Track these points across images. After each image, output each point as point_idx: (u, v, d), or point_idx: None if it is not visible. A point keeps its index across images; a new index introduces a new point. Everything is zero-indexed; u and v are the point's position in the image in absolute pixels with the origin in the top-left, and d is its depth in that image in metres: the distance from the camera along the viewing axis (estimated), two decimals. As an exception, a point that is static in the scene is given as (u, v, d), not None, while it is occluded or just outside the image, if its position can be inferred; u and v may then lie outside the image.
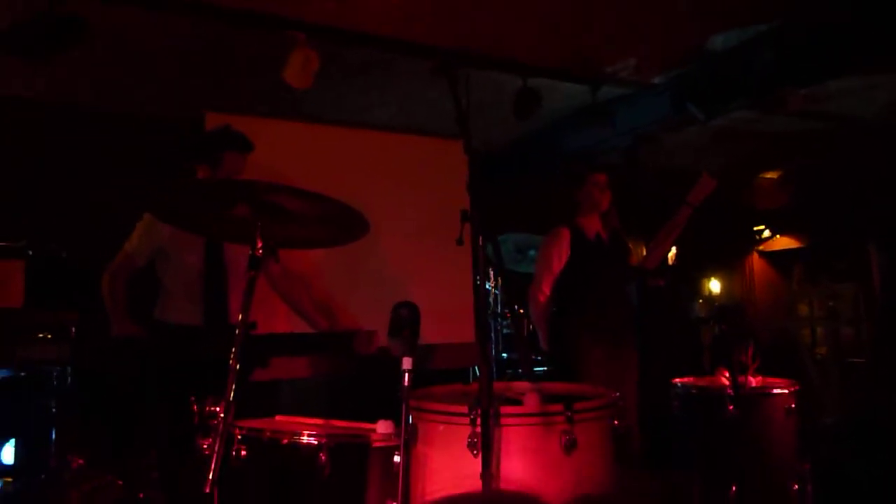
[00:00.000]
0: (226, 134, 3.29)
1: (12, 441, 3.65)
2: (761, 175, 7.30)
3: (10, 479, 3.57)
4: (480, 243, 1.90)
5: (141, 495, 3.65)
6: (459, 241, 1.97)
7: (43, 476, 3.68)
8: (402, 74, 4.67)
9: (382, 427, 2.00)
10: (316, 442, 1.88)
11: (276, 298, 3.50)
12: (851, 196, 6.22)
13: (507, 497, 0.50)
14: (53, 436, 3.74)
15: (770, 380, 3.24)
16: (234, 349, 1.83)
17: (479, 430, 1.76)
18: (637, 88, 5.01)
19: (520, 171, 6.17)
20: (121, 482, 3.70)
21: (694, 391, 3.27)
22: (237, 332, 1.86)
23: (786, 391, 3.11)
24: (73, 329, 3.73)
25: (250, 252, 1.95)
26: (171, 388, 2.92)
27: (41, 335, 3.64)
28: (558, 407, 1.87)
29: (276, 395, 4.22)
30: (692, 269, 7.20)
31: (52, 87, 4.53)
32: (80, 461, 3.84)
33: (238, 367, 1.81)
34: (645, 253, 4.08)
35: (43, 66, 4.12)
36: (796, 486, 3.04)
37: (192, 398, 1.90)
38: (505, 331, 5.60)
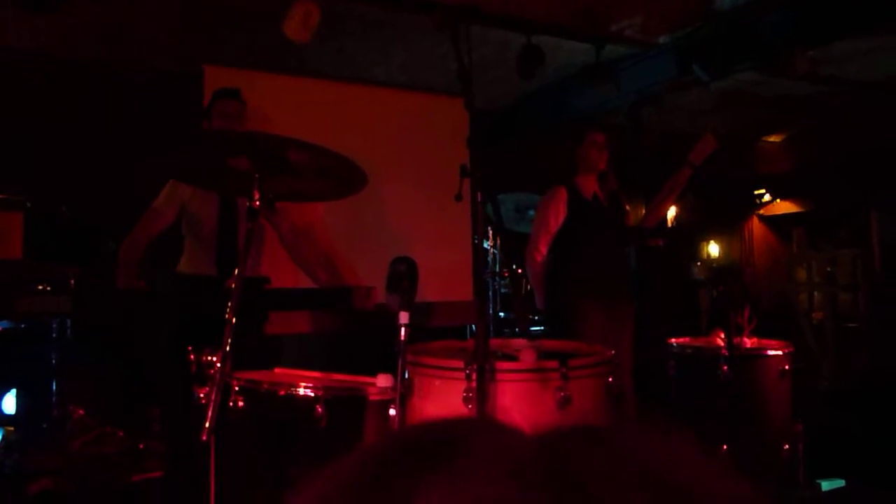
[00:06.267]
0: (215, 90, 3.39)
1: (13, 391, 3.69)
2: (764, 138, 7.26)
3: (11, 429, 3.61)
4: (479, 199, 1.90)
5: (141, 445, 3.70)
6: (458, 197, 1.96)
7: (44, 425, 3.73)
8: (405, 31, 4.61)
9: (382, 381, 2.01)
10: (313, 394, 1.90)
11: (283, 253, 3.51)
12: (854, 162, 6.19)
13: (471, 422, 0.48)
14: (54, 386, 3.78)
15: (765, 341, 3.27)
16: (230, 302, 1.84)
17: (474, 384, 1.78)
18: (642, 48, 4.95)
19: (521, 130, 6.12)
20: (121, 432, 3.76)
21: (689, 351, 3.30)
22: (234, 284, 1.86)
23: (780, 353, 3.13)
24: (73, 281, 3.76)
25: (248, 204, 1.95)
26: (173, 341, 2.94)
27: (41, 287, 3.66)
28: (553, 363, 1.88)
29: (277, 349, 4.25)
30: (692, 232, 7.19)
31: (54, 40, 4.48)
32: (81, 411, 3.89)
33: (234, 319, 1.82)
34: (644, 212, 4.08)
35: (44, 19, 4.06)
36: (787, 447, 3.09)
37: (189, 348, 1.92)
38: (503, 290, 5.61)
